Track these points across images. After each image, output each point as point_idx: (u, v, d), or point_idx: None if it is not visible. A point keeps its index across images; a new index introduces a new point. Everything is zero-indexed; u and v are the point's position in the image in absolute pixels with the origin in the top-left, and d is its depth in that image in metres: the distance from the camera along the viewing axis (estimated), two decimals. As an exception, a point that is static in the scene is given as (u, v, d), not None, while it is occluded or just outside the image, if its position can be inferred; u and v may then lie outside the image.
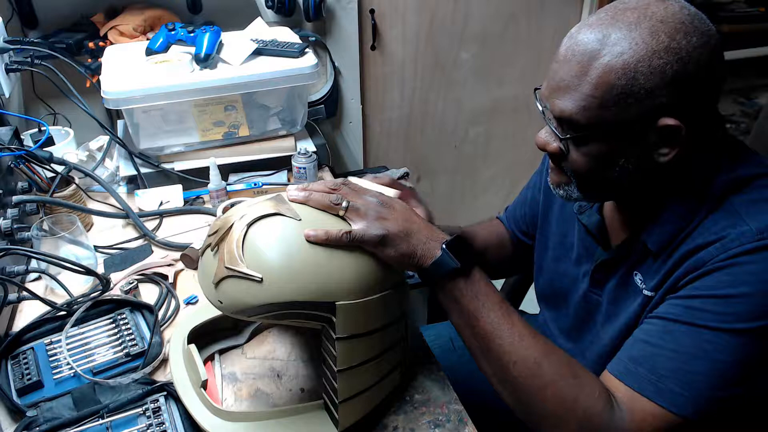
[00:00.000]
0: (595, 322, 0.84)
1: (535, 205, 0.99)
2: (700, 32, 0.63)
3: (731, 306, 0.62)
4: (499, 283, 1.30)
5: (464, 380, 1.08)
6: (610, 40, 0.63)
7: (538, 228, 0.98)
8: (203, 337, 0.87)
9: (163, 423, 0.74)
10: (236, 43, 1.30)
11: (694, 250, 0.66)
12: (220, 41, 1.29)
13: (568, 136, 0.68)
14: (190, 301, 1.00)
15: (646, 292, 0.73)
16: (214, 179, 1.21)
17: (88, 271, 0.87)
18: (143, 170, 1.28)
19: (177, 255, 1.09)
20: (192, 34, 1.27)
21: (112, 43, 1.43)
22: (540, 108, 0.72)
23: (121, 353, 0.86)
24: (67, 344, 0.86)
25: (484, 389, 1.07)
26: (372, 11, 1.75)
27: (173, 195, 1.26)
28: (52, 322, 0.91)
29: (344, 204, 0.70)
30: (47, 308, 0.92)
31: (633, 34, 0.63)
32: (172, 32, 1.29)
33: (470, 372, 1.08)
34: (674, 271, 0.68)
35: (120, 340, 0.89)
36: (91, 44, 1.41)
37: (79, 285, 1.00)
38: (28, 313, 0.97)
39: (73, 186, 1.14)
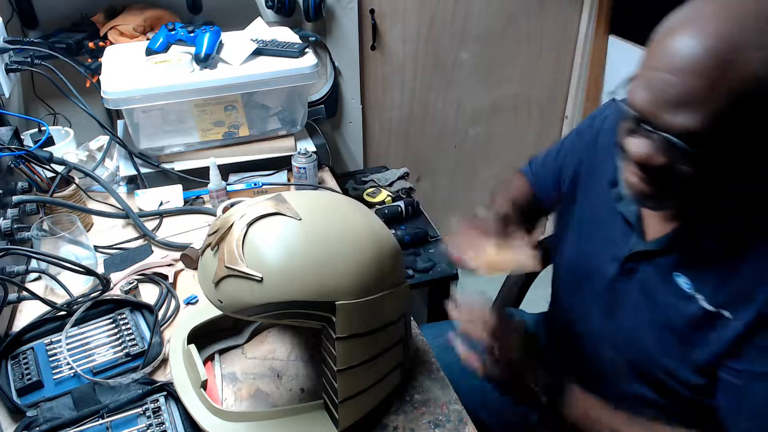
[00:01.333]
0: (620, 310, 0.81)
1: (567, 169, 0.94)
2: None
3: None
4: (498, 281, 1.30)
5: (464, 380, 1.08)
6: (741, 45, 0.56)
7: (561, 200, 0.94)
8: (203, 337, 0.87)
9: (163, 423, 0.74)
10: (236, 43, 1.30)
11: None
12: (220, 41, 1.29)
13: (695, 151, 0.59)
14: (190, 301, 1.00)
15: (705, 304, 0.69)
16: (214, 179, 1.21)
17: (88, 271, 0.87)
18: (143, 170, 1.28)
19: (177, 255, 1.09)
20: (192, 34, 1.27)
21: (112, 43, 1.43)
22: (632, 117, 0.65)
23: (121, 353, 0.86)
24: (67, 344, 0.86)
25: (484, 389, 1.07)
26: (372, 11, 1.75)
27: (173, 195, 1.25)
28: (52, 322, 0.91)
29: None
30: (47, 308, 0.92)
31: (766, 39, 0.56)
32: (172, 32, 1.29)
33: (470, 372, 1.08)
34: (755, 295, 0.65)
35: (120, 340, 0.88)
36: (91, 44, 1.42)
37: (79, 285, 1.00)
38: (28, 313, 0.97)
39: (73, 186, 1.14)
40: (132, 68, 1.25)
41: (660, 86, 0.60)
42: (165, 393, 0.78)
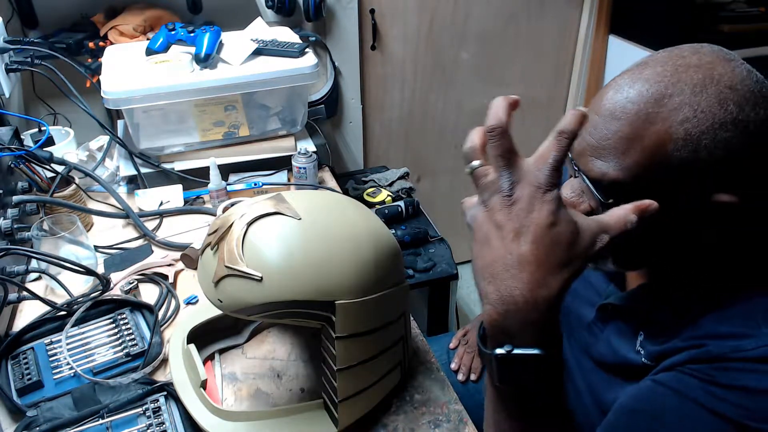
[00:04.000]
0: (591, 352, 0.75)
1: None
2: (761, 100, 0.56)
3: (755, 402, 0.53)
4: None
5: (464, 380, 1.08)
6: (670, 102, 0.55)
7: None
8: (203, 336, 0.87)
9: (163, 423, 0.74)
10: (236, 43, 1.30)
11: (715, 336, 0.58)
12: (220, 41, 1.29)
13: (611, 201, 0.57)
14: (190, 301, 1.00)
15: (644, 360, 0.64)
16: (214, 179, 1.21)
17: (88, 271, 0.87)
18: (143, 170, 1.28)
19: (177, 255, 1.09)
20: (192, 34, 1.27)
21: (112, 43, 1.43)
22: (569, 158, 0.62)
23: (121, 353, 0.86)
24: (67, 344, 0.86)
25: (484, 389, 1.07)
26: (372, 11, 1.75)
27: (173, 195, 1.25)
28: (52, 322, 0.91)
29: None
30: (47, 308, 0.92)
31: (698, 99, 0.55)
32: (172, 32, 1.29)
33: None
34: (682, 350, 0.60)
35: (120, 340, 0.88)
36: (91, 44, 1.42)
37: (79, 285, 1.00)
38: (28, 313, 0.97)
39: (73, 186, 1.14)
40: (132, 68, 1.25)
41: (588, 128, 0.59)
42: (165, 393, 0.78)
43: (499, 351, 0.48)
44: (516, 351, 0.48)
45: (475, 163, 0.49)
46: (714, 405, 0.54)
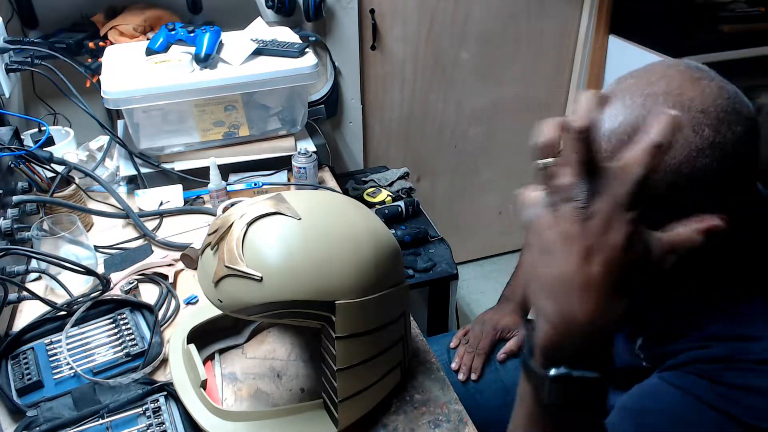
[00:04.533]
0: None
1: None
2: (744, 118, 0.55)
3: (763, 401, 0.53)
4: (497, 280, 1.30)
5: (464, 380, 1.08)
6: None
7: None
8: (203, 336, 0.87)
9: (163, 423, 0.74)
10: (236, 43, 1.30)
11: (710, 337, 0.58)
12: (220, 41, 1.29)
13: None
14: (190, 301, 1.00)
15: (643, 363, 0.65)
16: (214, 179, 1.21)
17: (88, 271, 0.87)
18: (143, 170, 1.28)
19: (177, 255, 1.09)
20: (192, 34, 1.27)
21: (112, 43, 1.43)
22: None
23: (121, 353, 0.86)
24: (67, 344, 0.86)
25: (484, 389, 1.07)
26: (372, 11, 1.75)
27: (173, 195, 1.25)
28: (52, 322, 0.91)
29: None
30: (47, 308, 0.92)
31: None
32: (172, 32, 1.29)
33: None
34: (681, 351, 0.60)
35: (120, 340, 0.88)
36: (91, 44, 1.41)
37: (79, 285, 1.00)
38: (28, 313, 0.97)
39: (73, 186, 1.14)
40: (132, 68, 1.25)
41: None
42: (165, 393, 0.78)
43: (554, 372, 0.46)
44: (575, 374, 0.45)
45: (550, 160, 0.45)
46: (719, 403, 0.54)
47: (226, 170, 1.32)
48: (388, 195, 1.65)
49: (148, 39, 1.40)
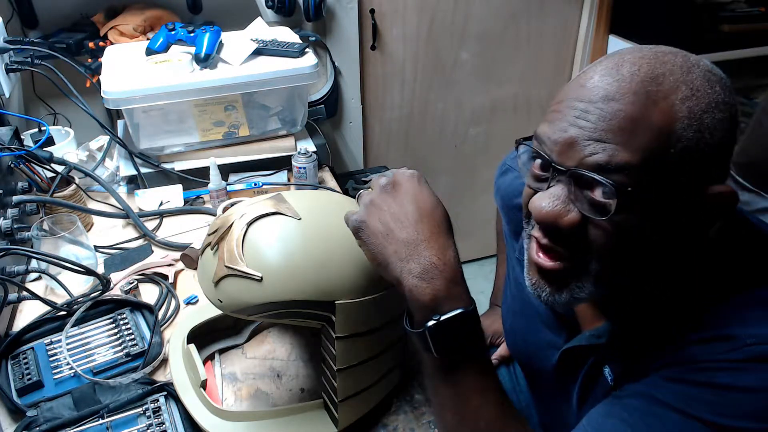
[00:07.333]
0: (569, 405, 0.72)
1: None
2: (732, 90, 0.53)
3: (732, 399, 0.51)
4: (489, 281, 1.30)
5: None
6: (666, 81, 0.50)
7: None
8: (203, 336, 0.87)
9: (163, 423, 0.74)
10: (236, 43, 1.30)
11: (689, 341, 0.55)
12: (220, 41, 1.29)
13: (629, 189, 0.50)
14: (190, 301, 1.00)
15: (611, 383, 0.62)
16: (214, 179, 1.21)
17: (88, 271, 0.87)
18: (143, 170, 1.28)
19: (177, 255, 1.09)
20: (192, 34, 1.27)
21: (112, 43, 1.43)
22: (540, 166, 0.57)
23: (121, 353, 0.86)
24: (67, 344, 0.86)
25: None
26: (372, 11, 1.75)
27: (173, 195, 1.25)
28: (52, 322, 0.91)
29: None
30: (47, 308, 0.92)
31: (690, 78, 0.51)
32: (172, 32, 1.29)
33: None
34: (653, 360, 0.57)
35: (120, 340, 0.89)
36: (91, 44, 1.42)
37: (79, 285, 1.00)
38: (28, 313, 0.97)
39: (73, 186, 1.14)
40: (132, 68, 1.25)
41: (567, 119, 0.53)
42: (165, 393, 0.78)
43: (432, 323, 0.56)
44: (446, 316, 0.56)
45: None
46: (685, 407, 0.52)
47: (226, 170, 1.32)
48: (388, 195, 1.65)
49: (148, 39, 1.40)
